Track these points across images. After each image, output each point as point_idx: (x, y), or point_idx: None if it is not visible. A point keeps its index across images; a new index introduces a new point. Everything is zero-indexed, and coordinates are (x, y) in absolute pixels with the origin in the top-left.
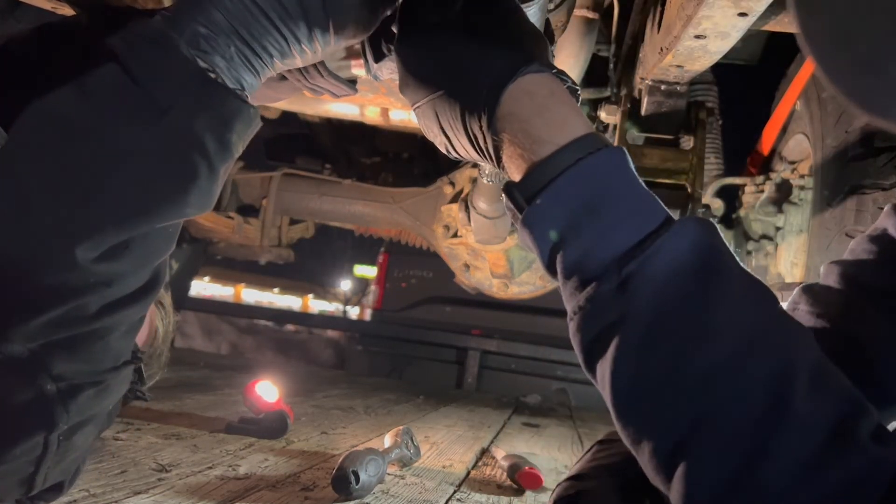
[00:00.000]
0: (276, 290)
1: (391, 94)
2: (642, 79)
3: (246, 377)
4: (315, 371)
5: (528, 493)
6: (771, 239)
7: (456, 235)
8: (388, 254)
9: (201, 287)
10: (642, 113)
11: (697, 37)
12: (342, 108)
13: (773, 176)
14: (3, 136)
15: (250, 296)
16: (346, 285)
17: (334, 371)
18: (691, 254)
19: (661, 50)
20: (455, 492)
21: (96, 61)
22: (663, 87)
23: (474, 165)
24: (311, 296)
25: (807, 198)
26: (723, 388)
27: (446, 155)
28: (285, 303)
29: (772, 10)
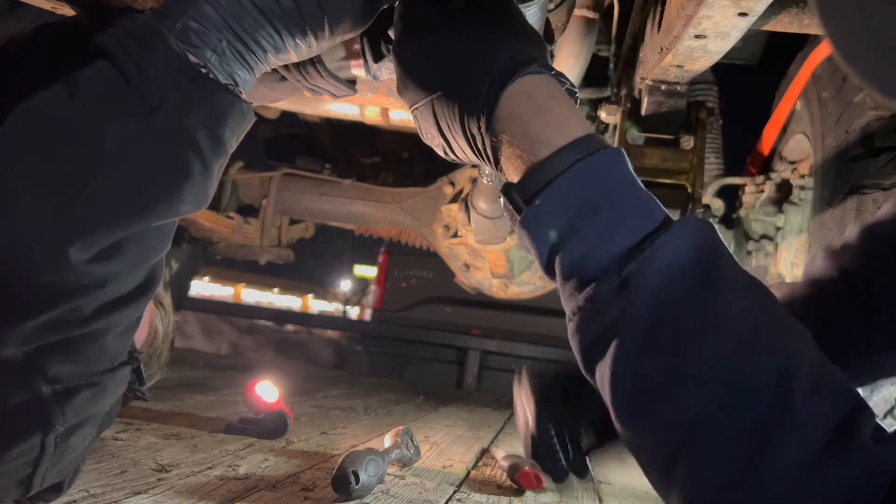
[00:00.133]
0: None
1: (391, 94)
2: (642, 79)
3: (246, 377)
4: (315, 371)
5: (528, 494)
6: (771, 239)
7: (456, 235)
8: (388, 254)
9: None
10: (642, 113)
11: (697, 37)
12: (342, 108)
13: (773, 176)
14: None
15: (250, 296)
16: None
17: (334, 371)
18: (691, 254)
19: (662, 50)
20: (455, 492)
21: (85, 59)
22: (663, 87)
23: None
24: (311, 296)
25: (807, 198)
26: (723, 389)
27: (444, 158)
28: (285, 303)
29: (772, 10)
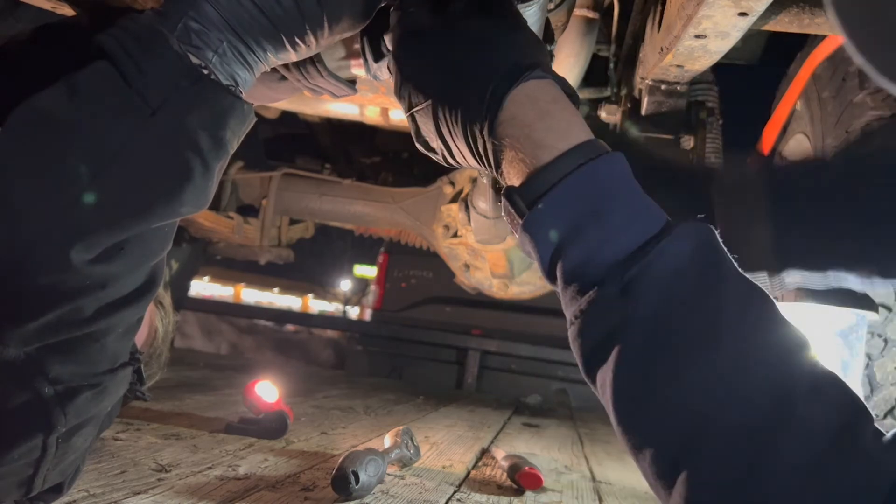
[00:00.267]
0: (276, 290)
1: (391, 94)
2: (642, 78)
3: (246, 377)
4: (315, 371)
5: (528, 494)
6: None
7: (456, 235)
8: (388, 254)
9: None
10: (642, 113)
11: (698, 36)
12: (342, 107)
13: None
14: None
15: (250, 296)
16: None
17: (334, 371)
18: (693, 259)
19: (662, 50)
20: (455, 492)
21: (85, 59)
22: (663, 87)
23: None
24: (311, 296)
25: None
26: (725, 394)
27: (440, 163)
28: (285, 303)
29: (772, 10)
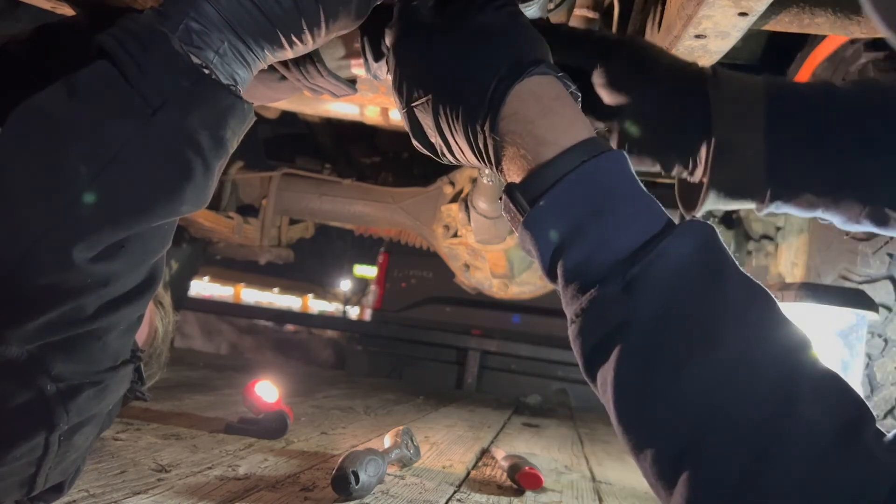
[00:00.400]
0: (276, 290)
1: (391, 94)
2: None
3: (246, 377)
4: (315, 371)
5: (529, 494)
6: (771, 239)
7: (456, 235)
8: (388, 254)
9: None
10: None
11: (698, 36)
12: (342, 107)
13: None
14: None
15: (250, 296)
16: (346, 285)
17: (334, 371)
18: (695, 258)
19: None
20: (455, 492)
21: (86, 59)
22: None
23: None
24: (311, 296)
25: None
26: (727, 393)
27: (437, 160)
28: (285, 303)
29: (772, 10)
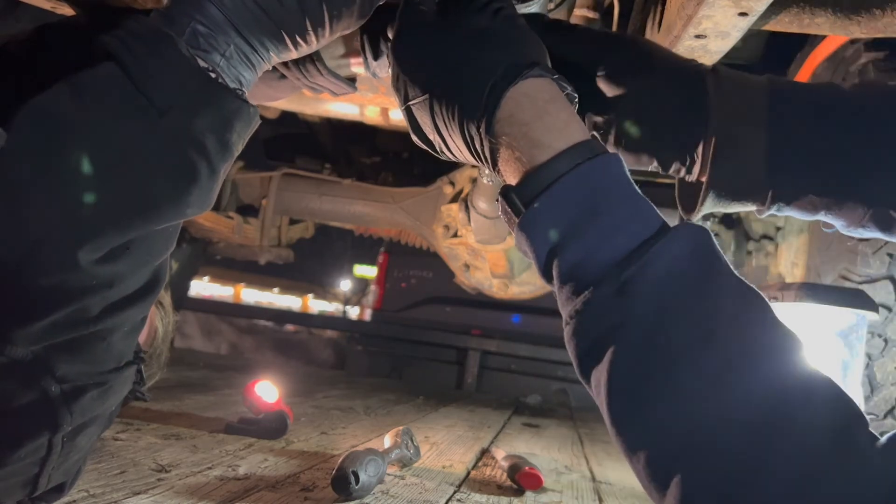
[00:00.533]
0: (276, 290)
1: (391, 94)
2: None
3: (245, 377)
4: (315, 371)
5: (529, 494)
6: (771, 239)
7: (456, 235)
8: (388, 254)
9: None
10: None
11: (698, 36)
12: (342, 107)
13: None
14: (3, 136)
15: (250, 296)
16: (346, 285)
17: (334, 371)
18: (690, 260)
19: None
20: (455, 492)
21: (86, 59)
22: None
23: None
24: (311, 296)
25: None
26: (719, 397)
27: (437, 156)
28: (285, 303)
29: (772, 10)
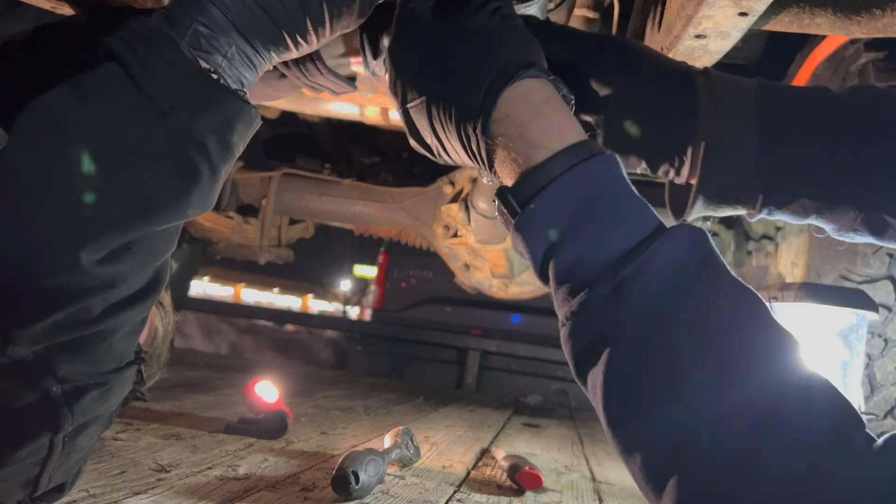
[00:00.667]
0: (276, 290)
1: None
2: None
3: (245, 377)
4: (315, 371)
5: (529, 494)
6: (771, 239)
7: (456, 235)
8: (388, 254)
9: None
10: None
11: (698, 36)
12: (342, 107)
13: None
14: (4, 137)
15: (250, 296)
16: (346, 285)
17: (334, 371)
18: (685, 261)
19: (662, 49)
20: (455, 492)
21: (93, 61)
22: None
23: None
24: (310, 296)
25: None
26: (716, 398)
27: (435, 160)
28: (285, 303)
29: (772, 10)
